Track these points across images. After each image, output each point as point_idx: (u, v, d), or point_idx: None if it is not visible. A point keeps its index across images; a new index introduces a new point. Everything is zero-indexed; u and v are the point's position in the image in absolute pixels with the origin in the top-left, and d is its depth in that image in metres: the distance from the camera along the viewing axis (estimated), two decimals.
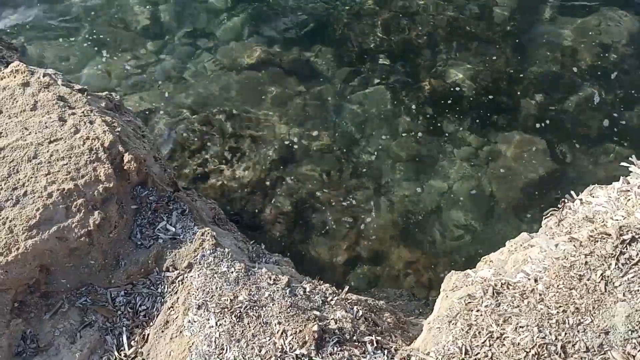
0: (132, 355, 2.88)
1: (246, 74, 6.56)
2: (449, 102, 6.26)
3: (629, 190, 2.98)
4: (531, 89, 6.35)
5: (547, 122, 6.10)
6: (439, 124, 6.10)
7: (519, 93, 6.32)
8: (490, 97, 6.31)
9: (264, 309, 2.87)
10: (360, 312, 3.08)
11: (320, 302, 3.07)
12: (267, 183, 5.66)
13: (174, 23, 7.02)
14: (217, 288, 2.96)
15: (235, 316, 2.82)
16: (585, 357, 2.32)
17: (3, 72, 3.51)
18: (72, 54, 6.73)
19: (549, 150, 5.90)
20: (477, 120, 6.13)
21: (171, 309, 2.96)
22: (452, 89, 6.36)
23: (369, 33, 6.85)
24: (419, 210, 5.54)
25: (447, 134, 6.02)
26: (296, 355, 2.68)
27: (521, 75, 6.46)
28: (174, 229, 3.27)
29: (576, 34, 6.79)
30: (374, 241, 5.35)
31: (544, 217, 3.28)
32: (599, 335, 2.36)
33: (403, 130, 6.06)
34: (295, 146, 5.93)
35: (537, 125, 6.08)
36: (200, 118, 6.16)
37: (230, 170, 5.76)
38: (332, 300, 3.12)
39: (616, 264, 2.55)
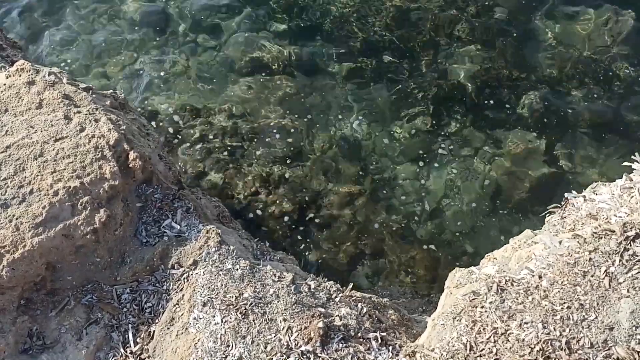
0: (138, 352, 2.90)
1: (248, 71, 6.57)
2: (451, 100, 6.27)
3: (632, 188, 2.98)
4: (533, 87, 6.36)
5: (549, 120, 6.11)
6: (441, 122, 6.11)
7: (520, 91, 6.33)
8: (492, 95, 6.32)
9: (269, 305, 2.89)
10: (365, 309, 3.10)
11: (325, 299, 3.08)
12: (270, 181, 5.67)
13: (176, 20, 7.03)
14: (222, 285, 2.97)
15: (240, 313, 2.84)
16: (589, 353, 2.33)
17: (8, 71, 3.53)
18: (73, 53, 6.75)
19: (550, 148, 5.91)
20: (479, 119, 6.14)
21: (177, 306, 2.97)
22: (454, 87, 6.36)
23: (372, 30, 6.86)
24: (421, 208, 5.56)
25: (449, 132, 6.03)
26: (301, 351, 2.70)
27: (523, 74, 6.47)
28: (179, 227, 3.28)
29: (577, 32, 6.79)
30: (377, 239, 5.36)
31: (546, 214, 3.29)
32: (604, 331, 2.37)
33: (405, 128, 6.08)
34: (298, 144, 5.95)
35: (539, 123, 6.08)
36: (204, 116, 6.17)
37: (233, 168, 5.77)
38: (336, 297, 3.13)
39: (620, 260, 2.56)
